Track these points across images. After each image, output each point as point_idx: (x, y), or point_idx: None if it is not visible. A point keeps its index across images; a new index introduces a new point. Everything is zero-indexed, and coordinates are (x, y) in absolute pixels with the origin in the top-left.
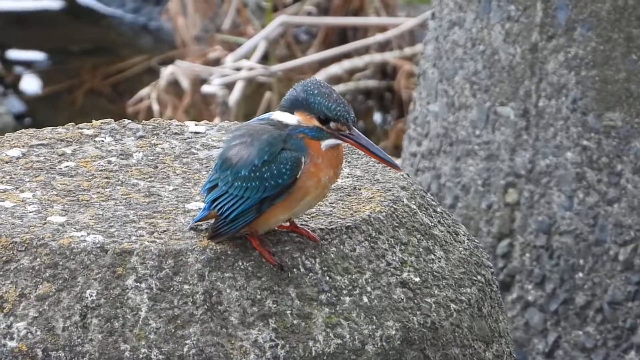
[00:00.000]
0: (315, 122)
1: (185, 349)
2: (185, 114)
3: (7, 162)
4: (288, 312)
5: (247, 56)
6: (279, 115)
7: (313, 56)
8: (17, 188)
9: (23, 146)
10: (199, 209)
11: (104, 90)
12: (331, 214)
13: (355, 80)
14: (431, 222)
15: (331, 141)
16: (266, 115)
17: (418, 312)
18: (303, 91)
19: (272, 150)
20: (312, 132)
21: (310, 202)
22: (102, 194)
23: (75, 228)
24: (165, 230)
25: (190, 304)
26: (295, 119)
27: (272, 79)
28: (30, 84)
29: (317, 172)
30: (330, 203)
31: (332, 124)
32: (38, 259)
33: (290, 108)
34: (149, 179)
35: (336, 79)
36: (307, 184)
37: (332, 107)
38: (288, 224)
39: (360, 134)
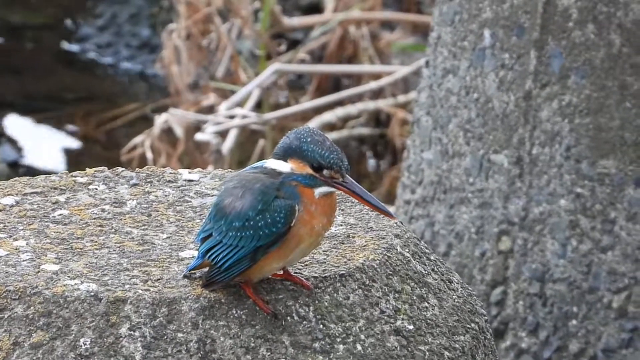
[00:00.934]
0: (309, 170)
1: None
2: (179, 161)
3: (0, 210)
4: None
5: (241, 104)
6: (272, 163)
7: (306, 104)
8: (10, 236)
9: (17, 194)
10: (193, 257)
11: (97, 136)
12: (325, 262)
13: (349, 128)
14: (425, 270)
15: (324, 189)
16: (259, 164)
17: None
18: (296, 139)
19: (266, 199)
20: (305, 179)
21: (305, 250)
22: (96, 242)
23: (69, 276)
24: (159, 279)
25: (184, 352)
26: (289, 167)
27: (265, 126)
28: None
29: (311, 220)
30: (324, 251)
31: (325, 172)
32: (32, 308)
33: (284, 156)
34: (143, 227)
35: (330, 127)
36: (301, 232)
37: (325, 155)
38: (282, 272)
39: (354, 181)
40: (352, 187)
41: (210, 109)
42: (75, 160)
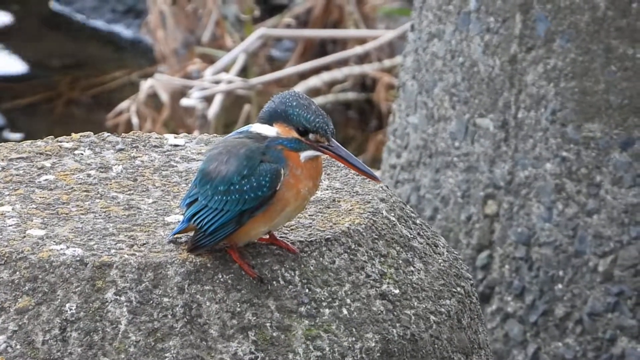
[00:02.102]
0: (294, 134)
1: None
2: (164, 127)
3: None
4: (268, 324)
5: (227, 69)
6: (257, 128)
7: (292, 69)
8: None
9: (2, 159)
10: (179, 221)
11: (83, 101)
12: (310, 226)
13: (335, 93)
14: (410, 234)
15: (310, 153)
16: (245, 128)
17: (397, 324)
18: (282, 103)
19: (251, 164)
20: (291, 143)
21: (290, 213)
22: (82, 207)
23: (54, 241)
24: (144, 243)
25: (170, 316)
26: (274, 131)
27: (251, 91)
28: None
29: (297, 184)
30: (309, 215)
31: (311, 136)
32: (17, 273)
33: (269, 120)
34: (129, 192)
35: (315, 91)
36: (287, 196)
37: (311, 119)
38: (267, 236)
39: (340, 145)
40: (338, 151)
41: (196, 75)
42: (60, 124)
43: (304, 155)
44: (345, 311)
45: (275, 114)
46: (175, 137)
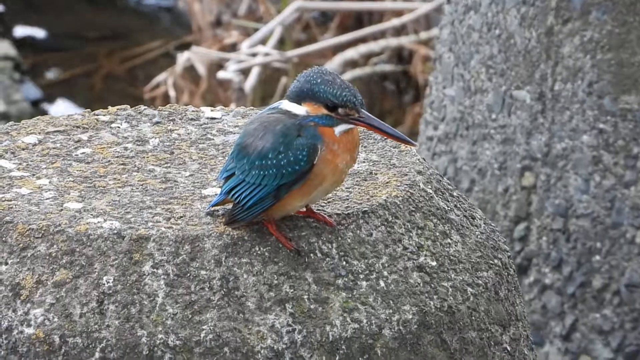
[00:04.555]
0: (324, 111)
1: (202, 335)
2: (201, 99)
3: (23, 149)
4: (305, 297)
5: (263, 42)
6: (287, 106)
7: (329, 41)
8: (33, 175)
9: (39, 133)
10: (215, 194)
11: (120, 74)
12: (348, 199)
13: (371, 65)
14: (447, 207)
15: (343, 126)
16: (276, 104)
17: (435, 296)
18: (307, 82)
19: (288, 139)
20: (322, 120)
21: (328, 188)
22: (119, 180)
23: (92, 214)
24: (182, 216)
25: (207, 289)
26: (304, 110)
27: (287, 64)
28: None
29: (334, 159)
30: (346, 188)
31: (340, 110)
32: (55, 246)
33: (297, 99)
34: (165, 165)
35: (352, 64)
36: (324, 171)
37: (337, 94)
38: (305, 209)
39: (370, 115)
40: (370, 121)
41: (233, 47)
42: (97, 98)
43: (338, 129)
44: (382, 283)
45: (302, 93)
46: (212, 110)
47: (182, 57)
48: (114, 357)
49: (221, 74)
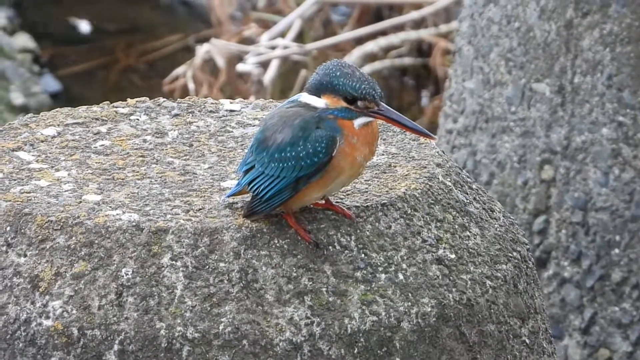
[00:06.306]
0: (343, 103)
1: (220, 327)
2: (220, 92)
3: (42, 141)
4: (324, 289)
5: (283, 34)
6: (306, 98)
7: (348, 34)
8: (52, 167)
9: (58, 125)
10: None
11: (139, 66)
12: (366, 192)
13: (391, 58)
14: (466, 199)
15: (362, 119)
16: (294, 97)
17: (454, 289)
18: (326, 75)
19: (307, 133)
20: (341, 113)
21: (346, 180)
22: (138, 172)
23: (110, 207)
24: (200, 209)
25: (225, 281)
26: (323, 102)
27: (307, 57)
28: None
29: (353, 152)
30: (365, 180)
31: (359, 103)
32: (74, 238)
33: (316, 92)
34: (184, 157)
35: (372, 57)
36: (342, 164)
37: (357, 87)
38: (323, 201)
39: (389, 108)
40: (389, 114)
41: (252, 40)
42: (116, 90)
43: (357, 122)
44: (401, 276)
45: (321, 86)
46: (231, 103)
47: (202, 50)
48: (133, 350)
49: (240, 67)
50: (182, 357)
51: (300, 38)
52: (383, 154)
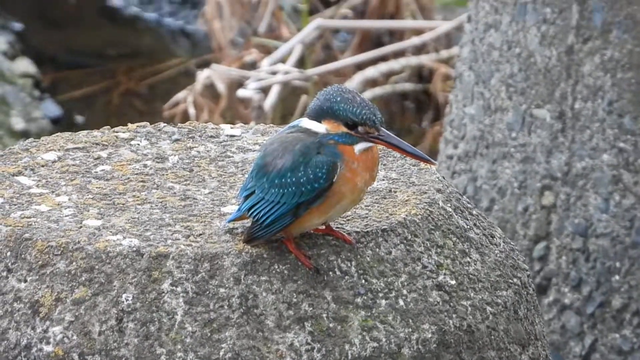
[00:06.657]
0: (343, 129)
1: (221, 353)
2: (221, 117)
3: (43, 166)
4: (324, 315)
5: (283, 60)
6: (307, 124)
7: (349, 59)
8: (53, 192)
9: (59, 150)
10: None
11: (140, 91)
12: (367, 217)
13: (392, 84)
14: (467, 225)
15: (362, 145)
16: (295, 123)
17: (454, 315)
18: (326, 100)
19: (308, 158)
20: (342, 138)
21: (346, 206)
22: (138, 197)
23: (111, 232)
24: (201, 234)
25: (226, 307)
26: (324, 128)
27: (308, 82)
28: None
29: (354, 178)
30: (366, 206)
31: (360, 128)
32: (74, 263)
33: (317, 117)
34: (185, 183)
35: (372, 82)
36: (343, 189)
37: (357, 112)
38: (324, 227)
39: (390, 133)
40: (389, 139)
41: (253, 65)
42: (117, 114)
43: (358, 148)
44: (401, 302)
45: (321, 112)
46: (231, 128)
47: (202, 75)
48: None
49: (241, 92)
50: None
51: (301, 63)
52: (383, 179)
